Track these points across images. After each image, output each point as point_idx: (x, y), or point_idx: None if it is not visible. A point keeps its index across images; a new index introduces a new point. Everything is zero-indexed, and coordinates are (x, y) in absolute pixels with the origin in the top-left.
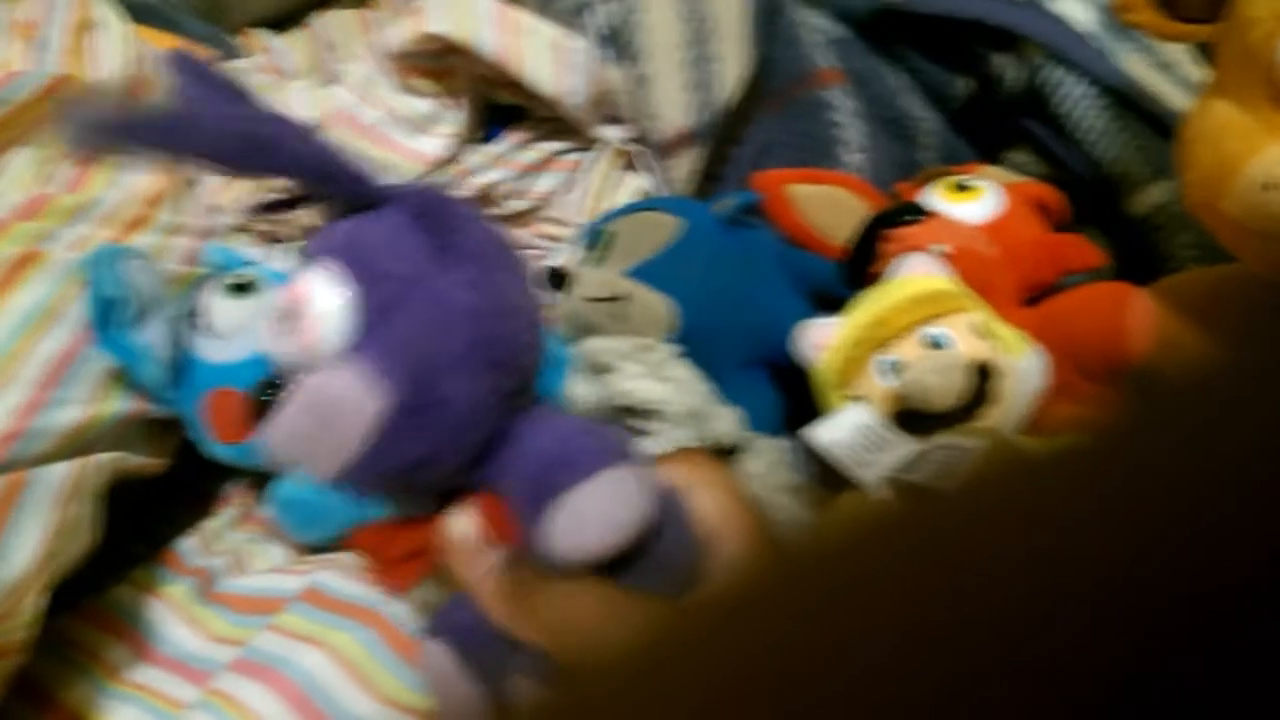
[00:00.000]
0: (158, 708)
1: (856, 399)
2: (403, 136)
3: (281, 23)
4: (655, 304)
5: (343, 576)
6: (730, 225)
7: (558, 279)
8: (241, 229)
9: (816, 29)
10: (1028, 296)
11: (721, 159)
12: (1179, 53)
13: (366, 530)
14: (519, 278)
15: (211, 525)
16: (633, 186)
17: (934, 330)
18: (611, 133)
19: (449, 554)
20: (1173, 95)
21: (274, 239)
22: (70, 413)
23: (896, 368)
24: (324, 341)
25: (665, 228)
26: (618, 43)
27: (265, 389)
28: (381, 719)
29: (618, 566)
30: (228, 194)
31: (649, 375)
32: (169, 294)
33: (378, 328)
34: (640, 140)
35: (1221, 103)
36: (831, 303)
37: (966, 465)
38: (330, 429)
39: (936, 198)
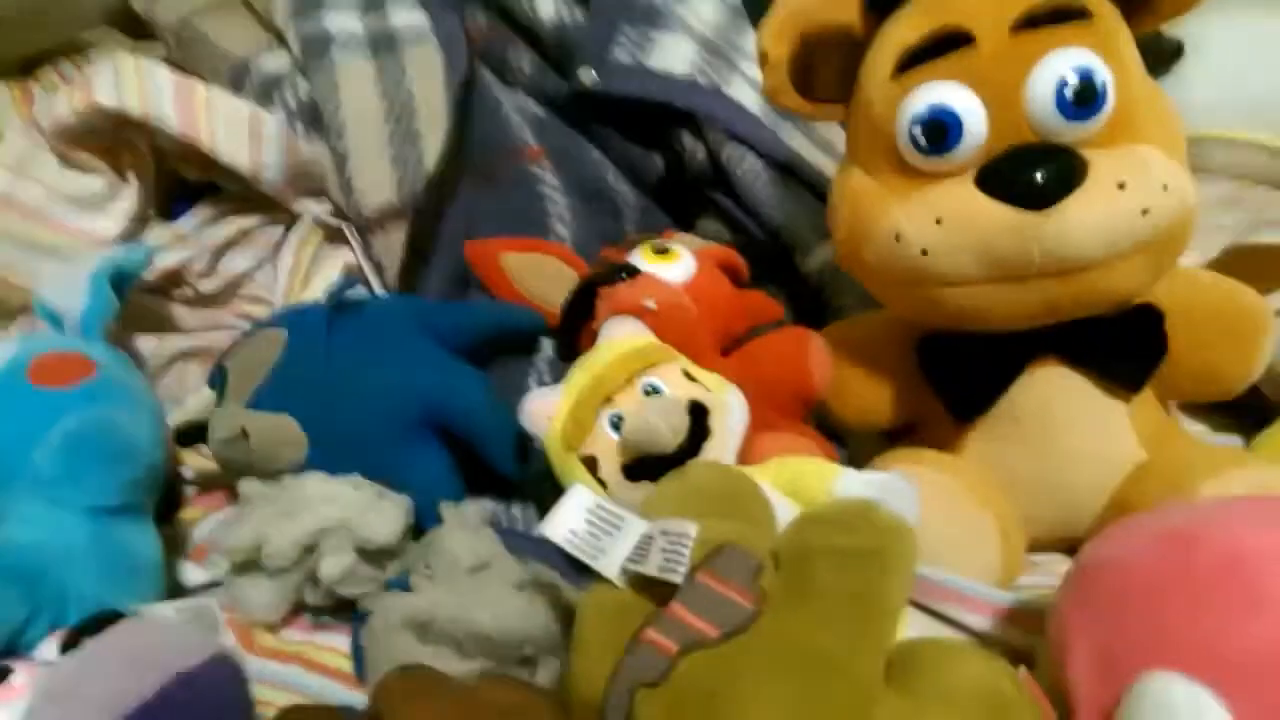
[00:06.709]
0: None
1: (591, 459)
2: (72, 217)
3: None
4: (279, 426)
5: None
6: (336, 313)
7: (190, 435)
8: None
9: (518, 108)
10: (723, 346)
11: (427, 234)
12: (835, 131)
13: None
14: None
15: None
16: (341, 261)
17: (651, 379)
18: (314, 207)
19: None
20: (830, 169)
21: None
22: None
23: (622, 419)
24: None
25: (271, 345)
26: (316, 118)
27: None
28: None
29: None
30: None
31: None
32: None
33: None
34: (346, 215)
35: (856, 170)
36: (489, 350)
37: (688, 552)
38: None
39: (641, 259)
